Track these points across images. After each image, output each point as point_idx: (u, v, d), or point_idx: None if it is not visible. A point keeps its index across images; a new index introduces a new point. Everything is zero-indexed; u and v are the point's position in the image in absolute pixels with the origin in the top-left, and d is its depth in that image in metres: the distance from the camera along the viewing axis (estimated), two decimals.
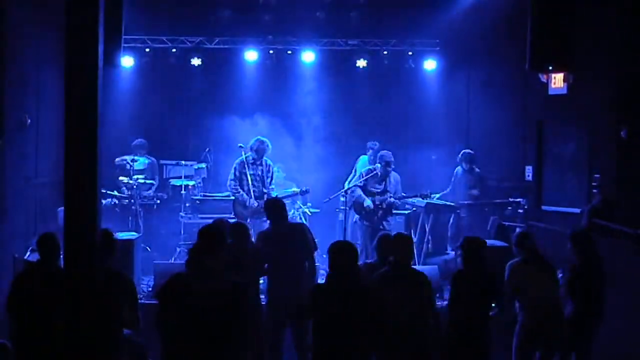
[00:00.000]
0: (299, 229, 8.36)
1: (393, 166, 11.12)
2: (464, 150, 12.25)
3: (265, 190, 11.11)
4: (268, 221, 8.40)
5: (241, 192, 11.08)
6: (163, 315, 5.53)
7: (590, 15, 10.07)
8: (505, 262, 7.56)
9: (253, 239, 8.19)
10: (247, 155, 11.19)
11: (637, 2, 10.31)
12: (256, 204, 10.91)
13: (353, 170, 12.41)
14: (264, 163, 11.23)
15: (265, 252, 7.89)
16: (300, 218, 11.95)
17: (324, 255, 11.19)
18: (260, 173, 11.22)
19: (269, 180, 11.22)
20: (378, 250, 7.44)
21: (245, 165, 11.12)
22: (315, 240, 8.36)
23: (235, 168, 11.20)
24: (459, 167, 12.19)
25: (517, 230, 8.04)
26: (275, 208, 8.26)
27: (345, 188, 11.37)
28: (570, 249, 7.56)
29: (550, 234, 10.23)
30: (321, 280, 9.59)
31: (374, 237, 7.74)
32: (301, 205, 12.07)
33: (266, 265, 7.95)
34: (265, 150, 11.19)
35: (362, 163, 12.37)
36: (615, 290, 7.91)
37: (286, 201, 11.57)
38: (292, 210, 11.89)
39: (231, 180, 11.20)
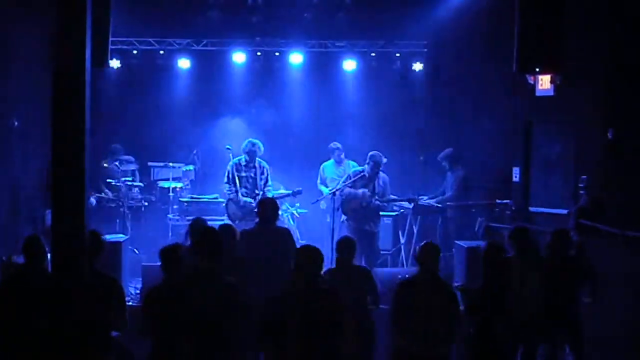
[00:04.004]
0: (284, 234, 8.20)
1: (382, 167, 11.11)
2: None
3: (257, 192, 11.11)
4: (256, 220, 8.32)
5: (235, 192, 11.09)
6: (155, 321, 5.47)
7: (577, 17, 10.12)
8: None
9: None
10: (239, 157, 11.19)
11: (624, 3, 10.37)
12: (253, 202, 10.88)
13: (319, 178, 12.34)
14: (257, 165, 11.23)
15: (247, 250, 7.75)
16: (289, 219, 11.94)
17: None
18: (253, 175, 11.22)
19: (262, 182, 11.22)
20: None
21: (238, 168, 11.13)
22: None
23: (228, 171, 11.21)
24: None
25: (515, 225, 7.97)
26: (268, 208, 8.14)
27: (333, 190, 11.34)
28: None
29: (537, 235, 10.26)
30: None
31: (361, 238, 7.63)
32: (289, 207, 12.05)
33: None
34: (256, 153, 11.19)
35: (329, 170, 12.32)
36: (603, 291, 7.95)
37: None
38: (281, 212, 11.86)
39: (225, 183, 11.22)
